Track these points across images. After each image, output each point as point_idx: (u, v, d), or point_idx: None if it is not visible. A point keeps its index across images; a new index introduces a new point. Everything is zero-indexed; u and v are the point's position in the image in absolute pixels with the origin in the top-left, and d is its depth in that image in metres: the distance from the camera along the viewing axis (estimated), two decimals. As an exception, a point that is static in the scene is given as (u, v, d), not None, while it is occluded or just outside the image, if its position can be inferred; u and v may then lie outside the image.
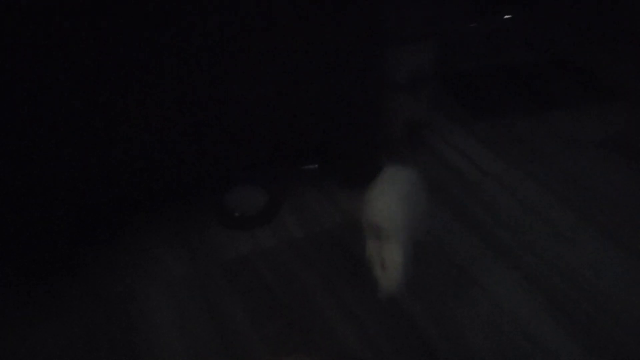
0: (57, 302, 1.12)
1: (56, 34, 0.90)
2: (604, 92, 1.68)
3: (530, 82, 1.74)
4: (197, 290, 1.14)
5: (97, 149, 1.06)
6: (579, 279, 1.12)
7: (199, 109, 1.10)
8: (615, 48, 1.85)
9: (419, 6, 1.40)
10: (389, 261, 0.91)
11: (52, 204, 1.09)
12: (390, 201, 0.98)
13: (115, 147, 1.07)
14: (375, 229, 0.95)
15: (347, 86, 1.20)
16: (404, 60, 1.38)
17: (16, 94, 0.94)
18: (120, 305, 1.11)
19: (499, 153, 1.46)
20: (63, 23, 0.90)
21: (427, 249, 1.19)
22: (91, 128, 1.03)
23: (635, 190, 1.33)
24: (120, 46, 0.96)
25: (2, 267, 1.17)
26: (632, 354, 0.99)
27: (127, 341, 1.05)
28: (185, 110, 1.09)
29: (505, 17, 1.51)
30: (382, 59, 1.23)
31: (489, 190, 1.35)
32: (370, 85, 1.25)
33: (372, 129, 1.33)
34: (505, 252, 1.19)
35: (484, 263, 1.16)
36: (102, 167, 1.08)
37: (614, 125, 1.54)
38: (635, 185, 1.34)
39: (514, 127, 1.56)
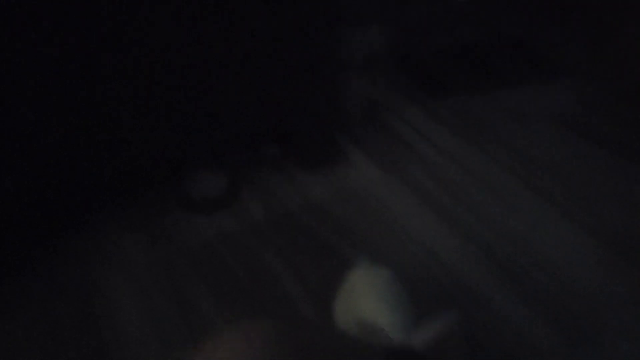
0: (18, 296, 1.10)
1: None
2: (551, 70, 1.75)
3: (481, 61, 1.79)
4: (160, 276, 1.14)
5: (53, 136, 1.04)
6: (518, 239, 1.19)
7: (159, 94, 1.09)
8: (563, 27, 1.91)
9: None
10: None
11: (8, 197, 1.06)
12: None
13: (73, 134, 1.05)
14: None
15: (303, 68, 1.21)
16: (359, 41, 1.39)
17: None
18: (84, 295, 1.10)
19: (452, 130, 1.51)
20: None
21: (386, 226, 1.23)
22: (46, 114, 1.00)
23: (577, 160, 1.40)
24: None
25: None
26: (564, 305, 1.06)
27: (93, 331, 1.04)
28: (144, 95, 1.07)
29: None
30: (338, 40, 1.24)
31: (443, 165, 1.39)
32: (326, 67, 1.27)
33: (329, 111, 1.34)
34: (453, 219, 1.24)
35: (440, 236, 1.21)
36: (59, 155, 1.06)
37: (561, 101, 1.61)
38: (577, 156, 1.41)
39: (466, 104, 1.61)
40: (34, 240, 1.20)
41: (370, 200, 1.31)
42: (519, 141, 1.47)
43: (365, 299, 0.89)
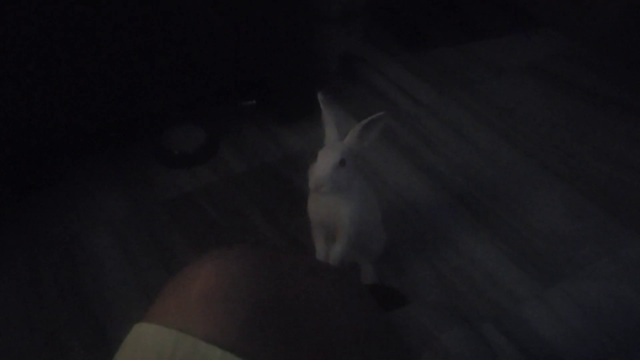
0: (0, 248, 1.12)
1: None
2: (527, 21, 1.75)
3: (458, 13, 1.79)
4: (141, 229, 1.16)
5: (32, 89, 1.03)
6: (491, 187, 1.23)
7: (135, 46, 1.08)
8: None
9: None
10: (333, 259, 0.92)
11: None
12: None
13: (51, 88, 1.05)
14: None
15: (279, 20, 1.21)
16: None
17: None
18: (64, 247, 1.12)
19: (430, 82, 1.52)
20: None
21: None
22: (23, 68, 1.00)
23: (552, 111, 1.42)
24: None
25: None
26: (532, 247, 1.10)
27: (75, 281, 1.06)
28: (121, 47, 1.07)
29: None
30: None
31: (421, 118, 1.41)
32: (302, 19, 1.26)
33: (306, 63, 1.34)
34: (429, 169, 1.27)
35: (418, 186, 1.24)
36: (37, 110, 1.06)
37: (537, 52, 1.62)
38: (553, 107, 1.43)
39: (442, 56, 1.61)
40: (19, 196, 1.21)
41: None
42: (496, 92, 1.48)
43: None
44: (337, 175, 0.81)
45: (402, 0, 1.78)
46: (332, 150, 0.83)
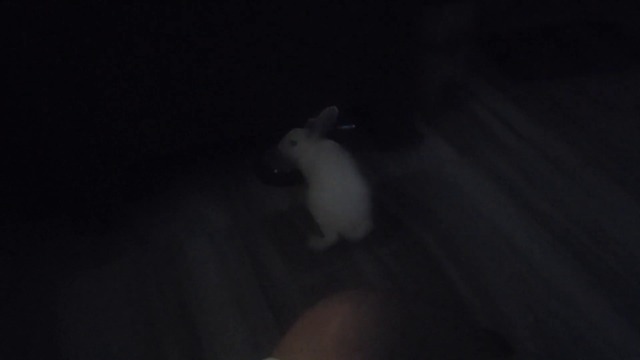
0: (109, 250, 1.19)
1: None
2: (642, 56, 1.66)
3: (568, 45, 1.73)
4: (238, 242, 1.20)
5: (146, 109, 1.10)
6: (595, 228, 1.17)
7: (244, 67, 1.13)
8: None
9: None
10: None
11: (107, 163, 1.15)
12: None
13: (163, 105, 1.11)
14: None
15: (388, 45, 1.22)
16: (442, 20, 1.38)
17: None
18: (167, 254, 1.18)
19: (535, 116, 1.47)
20: None
21: (459, 208, 1.23)
22: (139, 87, 1.07)
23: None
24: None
25: (62, 218, 1.24)
26: None
27: (175, 287, 1.11)
28: (234, 68, 1.12)
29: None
30: (421, 18, 1.23)
31: (522, 152, 1.37)
32: (408, 45, 1.26)
33: (407, 90, 1.34)
34: (529, 205, 1.22)
35: (515, 222, 1.20)
36: (151, 126, 1.13)
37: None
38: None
39: (548, 89, 1.56)
40: (129, 204, 1.29)
41: (443, 181, 1.31)
42: (601, 130, 1.42)
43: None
44: (287, 150, 1.22)
45: (508, 30, 1.75)
46: (288, 134, 1.22)
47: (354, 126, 1.41)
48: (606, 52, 1.69)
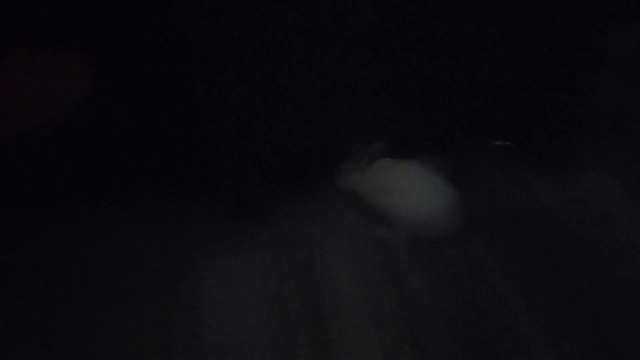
0: (250, 240, 1.20)
1: None
2: None
3: None
4: (376, 251, 1.16)
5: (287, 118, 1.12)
6: None
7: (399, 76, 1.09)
8: None
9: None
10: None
11: (255, 163, 1.18)
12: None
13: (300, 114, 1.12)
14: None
15: (559, 61, 1.12)
16: (623, 39, 1.25)
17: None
18: (304, 251, 1.17)
19: None
20: None
21: (614, 241, 1.12)
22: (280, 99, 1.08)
23: None
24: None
25: (211, 208, 1.27)
26: None
27: (312, 286, 1.11)
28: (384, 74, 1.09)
29: None
30: (603, 36, 1.12)
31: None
32: (585, 65, 1.16)
33: (572, 111, 1.24)
34: None
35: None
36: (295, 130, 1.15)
37: None
38: None
39: None
40: (270, 199, 1.29)
41: (601, 213, 1.21)
42: None
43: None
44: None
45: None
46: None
47: (509, 143, 1.33)
48: None
